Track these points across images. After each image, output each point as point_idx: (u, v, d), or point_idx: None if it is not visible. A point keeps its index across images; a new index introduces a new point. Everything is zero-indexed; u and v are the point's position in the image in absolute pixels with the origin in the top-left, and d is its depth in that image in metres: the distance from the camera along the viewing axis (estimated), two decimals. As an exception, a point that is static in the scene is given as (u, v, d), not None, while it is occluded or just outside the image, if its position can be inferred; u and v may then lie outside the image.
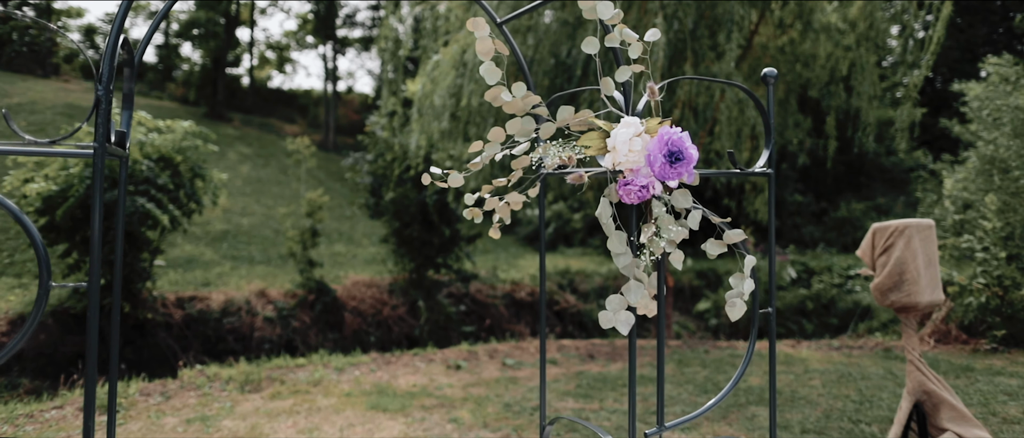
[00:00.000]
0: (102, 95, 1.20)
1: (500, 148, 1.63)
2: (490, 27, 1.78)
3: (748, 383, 5.90)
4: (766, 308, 1.90)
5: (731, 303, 1.65)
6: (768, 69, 1.88)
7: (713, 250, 1.68)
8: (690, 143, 1.57)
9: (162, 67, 31.48)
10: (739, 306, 1.65)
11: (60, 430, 4.82)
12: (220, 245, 12.92)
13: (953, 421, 3.23)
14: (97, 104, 1.21)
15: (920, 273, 3.29)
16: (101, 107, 1.20)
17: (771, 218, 1.93)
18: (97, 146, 1.22)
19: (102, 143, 1.22)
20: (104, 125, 1.20)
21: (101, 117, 1.20)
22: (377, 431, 4.64)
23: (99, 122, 1.21)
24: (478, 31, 1.50)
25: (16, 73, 24.68)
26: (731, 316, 1.66)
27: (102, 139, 1.21)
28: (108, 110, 1.20)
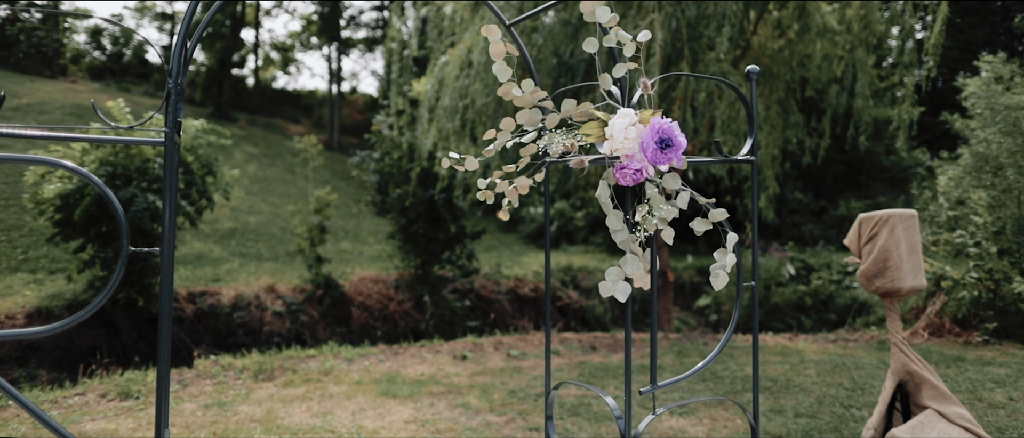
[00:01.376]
0: (172, 88, 1.41)
1: (511, 136, 1.83)
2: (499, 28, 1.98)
3: (745, 372, 6.09)
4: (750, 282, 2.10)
5: (714, 274, 1.86)
6: (751, 67, 2.09)
7: (700, 227, 1.89)
8: (679, 132, 1.77)
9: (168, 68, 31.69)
10: (722, 277, 1.86)
11: (84, 415, 5.04)
12: (228, 242, 13.14)
13: (933, 399, 3.43)
14: (168, 96, 1.41)
15: (903, 260, 3.48)
16: (171, 99, 1.41)
17: (754, 204, 2.13)
18: (168, 131, 1.42)
19: (172, 130, 1.42)
20: (174, 114, 1.41)
21: (171, 108, 1.40)
22: (388, 415, 4.85)
23: (169, 112, 1.42)
24: (491, 36, 1.70)
25: (24, 74, 24.97)
26: (715, 286, 1.86)
27: (172, 127, 1.42)
28: (177, 102, 1.41)
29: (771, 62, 8.48)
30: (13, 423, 4.85)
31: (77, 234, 8.26)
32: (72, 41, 31.39)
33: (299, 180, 18.52)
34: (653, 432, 4.43)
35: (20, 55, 26.48)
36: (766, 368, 6.29)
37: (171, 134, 1.40)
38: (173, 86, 1.40)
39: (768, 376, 5.95)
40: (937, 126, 18.06)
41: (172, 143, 1.40)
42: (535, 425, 4.61)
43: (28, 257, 10.95)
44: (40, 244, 11.54)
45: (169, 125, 1.41)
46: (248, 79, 32.12)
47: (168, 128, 1.41)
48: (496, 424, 4.63)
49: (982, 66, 8.62)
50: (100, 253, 8.38)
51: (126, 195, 7.98)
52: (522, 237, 17.06)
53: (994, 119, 8.05)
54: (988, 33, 24.15)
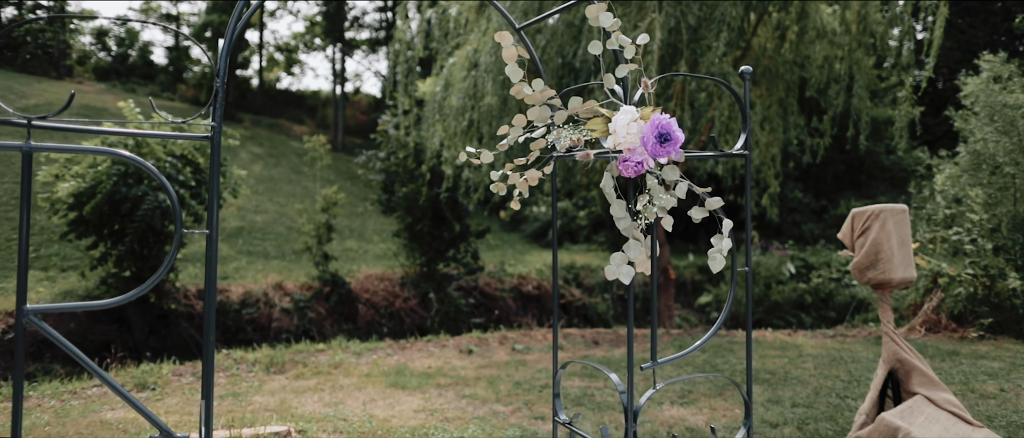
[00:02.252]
0: (220, 87, 1.57)
1: (522, 132, 1.99)
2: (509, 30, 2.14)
3: (744, 365, 6.24)
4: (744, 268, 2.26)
5: (712, 258, 2.01)
6: (744, 67, 2.24)
7: (697, 215, 2.04)
8: (677, 127, 1.93)
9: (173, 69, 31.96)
10: (719, 260, 2.01)
11: (104, 404, 5.21)
12: (235, 241, 13.31)
13: (923, 385, 3.58)
14: (215, 95, 1.57)
15: (894, 252, 3.63)
16: (218, 97, 1.57)
17: (747, 194, 2.29)
18: (216, 126, 1.58)
19: (219, 126, 1.58)
20: (221, 111, 1.57)
21: (219, 105, 1.56)
22: (397, 405, 5.00)
23: (217, 109, 1.57)
24: (503, 40, 1.86)
25: (31, 75, 25.18)
26: (713, 269, 2.01)
27: (219, 122, 1.58)
28: (224, 99, 1.56)
29: (771, 63, 8.63)
30: (36, 412, 5.02)
31: (90, 232, 8.44)
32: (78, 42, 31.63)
33: (304, 180, 18.70)
34: (655, 420, 4.59)
35: (27, 56, 26.72)
36: (765, 362, 6.44)
37: (218, 129, 1.56)
38: (221, 85, 1.56)
39: (767, 369, 6.10)
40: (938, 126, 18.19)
41: (218, 137, 1.55)
42: (540, 414, 4.77)
43: (40, 255, 11.13)
44: (51, 242, 11.72)
45: (217, 121, 1.57)
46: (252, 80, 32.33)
47: (216, 123, 1.57)
48: (503, 413, 4.79)
49: (982, 65, 8.74)
50: (112, 250, 8.56)
51: (137, 193, 8.15)
52: (525, 236, 17.22)
53: (992, 118, 8.18)
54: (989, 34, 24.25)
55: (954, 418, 3.42)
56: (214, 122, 1.57)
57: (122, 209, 8.16)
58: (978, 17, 24.62)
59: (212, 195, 1.58)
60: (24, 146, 1.46)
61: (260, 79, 31.39)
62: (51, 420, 4.78)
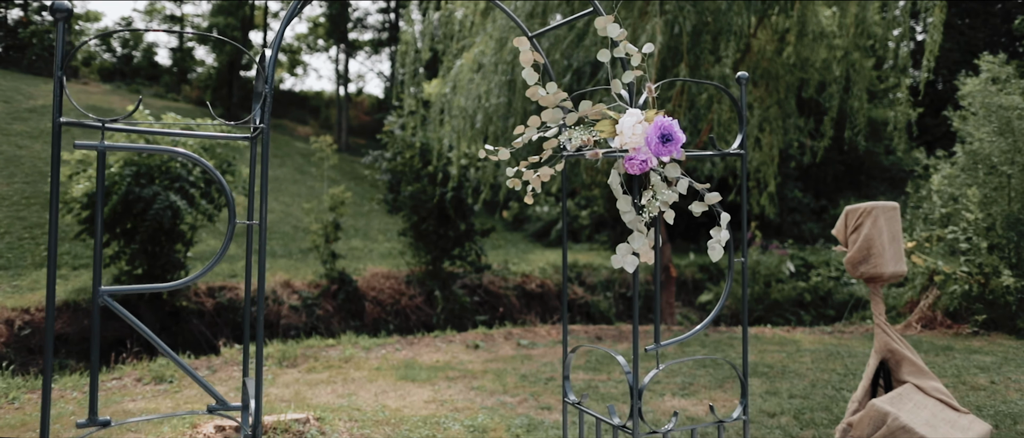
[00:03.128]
0: (268, 92, 1.75)
1: (536, 131, 2.17)
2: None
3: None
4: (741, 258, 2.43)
5: (712, 248, 2.19)
6: (741, 73, 2.42)
7: (697, 209, 2.22)
8: (678, 128, 2.11)
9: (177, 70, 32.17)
10: (717, 250, 2.19)
11: (124, 396, 5.39)
12: (242, 240, 13.49)
13: (912, 374, 3.76)
14: (264, 99, 1.75)
15: (885, 247, 3.81)
16: (267, 101, 1.75)
17: (744, 194, 2.46)
18: (264, 127, 1.76)
19: (267, 127, 1.76)
20: (268, 113, 1.75)
21: (267, 107, 1.74)
22: (408, 396, 5.18)
23: (265, 111, 1.75)
24: (521, 46, 2.04)
25: (37, 75, 25.37)
26: (712, 257, 2.19)
27: (268, 123, 1.76)
28: (270, 102, 1.74)
29: (770, 65, 8.80)
30: (60, 403, 5.20)
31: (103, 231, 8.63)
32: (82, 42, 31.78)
33: (309, 179, 18.88)
34: (656, 410, 4.76)
35: (32, 57, 26.91)
36: (764, 356, 6.61)
37: (267, 129, 1.74)
38: (268, 89, 1.74)
39: (765, 363, 6.27)
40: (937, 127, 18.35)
41: (267, 136, 1.73)
42: (547, 404, 4.95)
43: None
44: (62, 241, 11.91)
45: (265, 121, 1.75)
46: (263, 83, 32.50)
47: (264, 124, 1.75)
48: (510, 403, 4.97)
49: (982, 66, 8.89)
50: (125, 249, 8.75)
51: (149, 193, 8.33)
52: (527, 236, 17.40)
53: (989, 118, 8.35)
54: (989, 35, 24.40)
55: (941, 405, 3.60)
56: (263, 123, 1.75)
57: (134, 209, 8.35)
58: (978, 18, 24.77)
59: (263, 189, 1.76)
60: (99, 145, 1.64)
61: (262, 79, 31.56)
62: (75, 410, 4.96)
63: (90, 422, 1.71)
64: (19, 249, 11.34)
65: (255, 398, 1.79)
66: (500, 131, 8.32)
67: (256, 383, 1.76)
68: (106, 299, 1.70)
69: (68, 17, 1.60)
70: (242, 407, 1.87)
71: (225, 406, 1.83)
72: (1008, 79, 8.64)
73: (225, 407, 1.83)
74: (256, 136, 1.93)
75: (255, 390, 1.78)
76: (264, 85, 1.74)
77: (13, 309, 8.52)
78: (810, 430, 4.29)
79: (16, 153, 15.63)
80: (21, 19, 28.24)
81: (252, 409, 1.77)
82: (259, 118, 1.80)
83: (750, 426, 4.47)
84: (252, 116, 1.88)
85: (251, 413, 1.73)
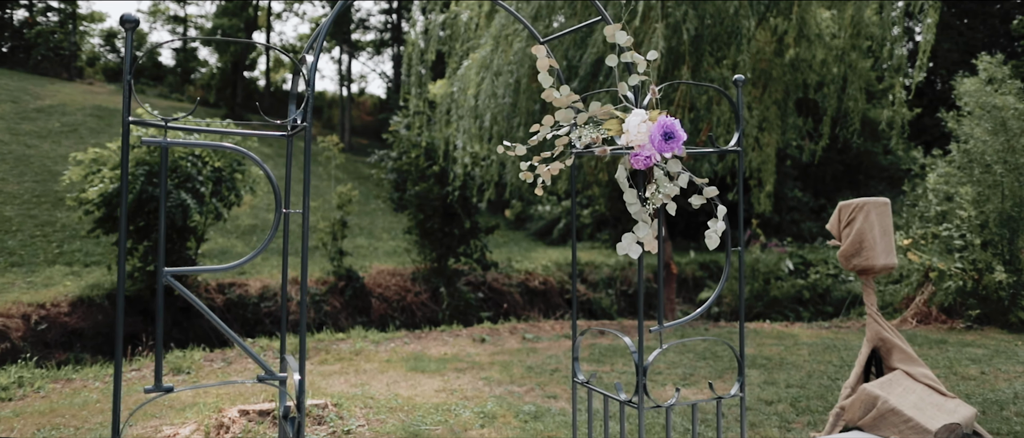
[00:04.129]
0: (309, 92, 1.94)
1: (551, 130, 2.37)
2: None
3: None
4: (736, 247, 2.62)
5: (709, 236, 2.38)
6: (737, 76, 2.62)
7: (696, 202, 2.41)
8: (680, 127, 2.30)
9: (180, 71, 32.40)
10: (714, 239, 2.38)
11: (146, 384, 5.59)
12: (249, 238, 13.70)
13: (902, 361, 3.95)
14: (307, 101, 1.95)
15: (876, 241, 4.00)
16: (309, 103, 1.94)
17: (740, 189, 2.66)
18: (307, 126, 1.96)
19: (310, 125, 1.95)
20: (311, 113, 1.94)
21: (309, 110, 1.94)
22: (419, 385, 5.38)
23: (308, 110, 1.95)
24: (539, 53, 2.24)
25: (44, 76, 25.60)
26: (709, 246, 2.39)
27: (310, 122, 1.95)
28: (312, 101, 1.94)
29: (768, 66, 8.99)
30: (84, 392, 5.40)
31: (116, 228, 8.82)
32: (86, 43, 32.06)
33: (313, 178, 19.07)
34: (659, 399, 4.96)
35: (38, 58, 27.14)
36: (762, 349, 6.81)
37: (309, 128, 1.93)
38: (310, 92, 1.93)
39: (764, 355, 6.47)
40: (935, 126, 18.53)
41: (309, 134, 1.93)
42: (553, 394, 5.14)
43: (63, 251, 11.52)
44: (73, 239, 12.12)
45: (308, 121, 1.95)
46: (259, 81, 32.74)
47: (307, 123, 1.95)
48: (518, 392, 5.16)
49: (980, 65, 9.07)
50: (137, 246, 8.94)
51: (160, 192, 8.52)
52: (530, 235, 17.60)
53: (984, 118, 8.53)
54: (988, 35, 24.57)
55: (929, 389, 3.79)
56: (306, 123, 1.95)
57: (147, 207, 8.54)
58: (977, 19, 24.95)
59: (305, 181, 1.95)
60: (162, 141, 1.83)
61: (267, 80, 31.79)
62: (100, 398, 5.16)
63: (156, 388, 1.90)
64: (31, 246, 11.55)
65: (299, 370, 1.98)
66: (505, 130, 8.52)
67: (300, 357, 1.96)
68: (169, 278, 1.90)
69: (135, 27, 1.79)
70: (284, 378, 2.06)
71: (272, 375, 2.02)
72: (1004, 80, 8.82)
73: (272, 376, 2.02)
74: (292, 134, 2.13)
75: (300, 363, 1.97)
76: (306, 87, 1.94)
77: (29, 304, 8.72)
78: (805, 417, 4.49)
79: (25, 152, 15.84)
80: (27, 20, 28.47)
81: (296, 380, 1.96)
82: (300, 118, 2.00)
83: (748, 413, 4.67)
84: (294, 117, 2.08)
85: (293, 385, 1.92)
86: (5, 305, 8.59)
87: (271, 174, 1.95)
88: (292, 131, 2.19)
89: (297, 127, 2.12)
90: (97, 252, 11.46)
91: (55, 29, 28.47)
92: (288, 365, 2.16)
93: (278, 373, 2.06)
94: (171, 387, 1.87)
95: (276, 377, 2.02)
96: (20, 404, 5.05)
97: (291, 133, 2.20)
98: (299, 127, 2.05)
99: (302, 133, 2.04)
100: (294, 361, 2.17)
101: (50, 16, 29.55)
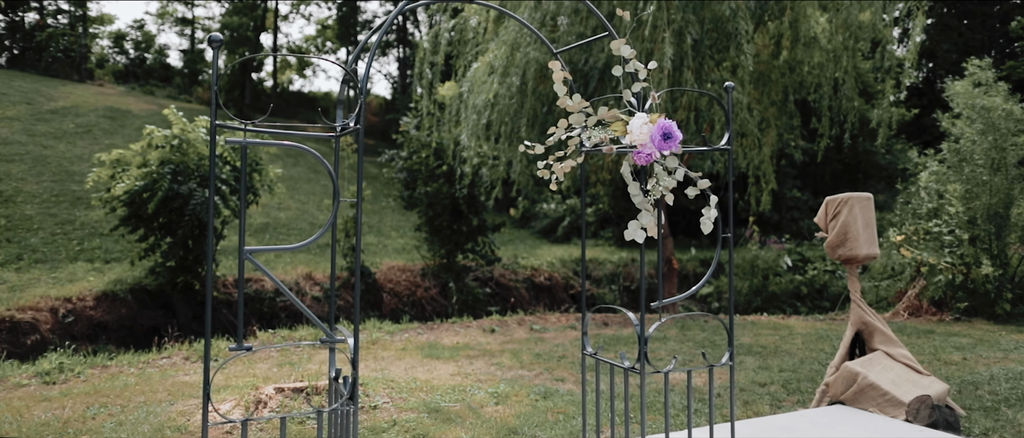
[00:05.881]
0: (362, 100, 2.30)
1: (565, 132, 2.73)
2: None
3: (739, 341, 6.96)
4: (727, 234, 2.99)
5: (703, 223, 2.74)
6: (727, 83, 2.97)
7: (692, 193, 2.77)
8: (677, 128, 2.66)
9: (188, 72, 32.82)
10: (707, 225, 2.74)
11: (177, 371, 5.96)
12: (263, 236, 14.08)
13: (883, 343, 4.30)
14: (360, 106, 2.30)
15: (859, 233, 4.36)
16: (361, 107, 2.30)
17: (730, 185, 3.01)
18: (360, 127, 2.31)
19: (362, 127, 2.31)
20: (364, 115, 2.30)
21: (362, 112, 2.29)
22: (435, 370, 5.74)
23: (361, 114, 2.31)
24: (554, 67, 2.60)
25: (55, 77, 26.02)
26: (703, 231, 2.74)
27: (363, 123, 2.31)
28: (364, 103, 2.29)
29: (767, 68, 9.33)
30: (121, 377, 5.77)
31: (140, 225, 9.19)
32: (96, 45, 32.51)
33: (322, 178, 19.45)
34: (658, 380, 5.31)
35: (49, 59, 27.57)
36: (759, 339, 7.16)
37: (362, 130, 2.29)
38: (362, 96, 2.29)
39: (759, 344, 6.82)
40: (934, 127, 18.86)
41: (362, 136, 2.29)
42: (561, 377, 5.50)
43: (84, 248, 11.91)
44: (93, 236, 12.50)
45: (361, 123, 2.30)
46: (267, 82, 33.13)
47: (359, 126, 2.31)
48: (528, 377, 5.52)
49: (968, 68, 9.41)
50: (161, 242, 9.32)
51: (186, 190, 8.89)
52: (535, 232, 17.97)
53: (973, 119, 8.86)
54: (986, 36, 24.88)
55: (906, 368, 4.14)
56: (359, 125, 2.31)
57: (172, 205, 8.91)
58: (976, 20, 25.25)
59: (359, 176, 2.31)
60: (243, 141, 2.19)
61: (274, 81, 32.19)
62: (137, 381, 5.53)
63: (238, 347, 2.26)
64: (53, 244, 11.93)
65: (354, 336, 2.34)
66: (511, 131, 8.88)
67: (354, 323, 2.31)
68: (248, 256, 2.25)
69: (220, 46, 2.15)
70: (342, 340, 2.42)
71: (332, 338, 2.38)
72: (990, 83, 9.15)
73: (333, 339, 2.38)
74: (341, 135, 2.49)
75: (354, 331, 2.33)
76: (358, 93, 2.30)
77: (56, 298, 9.09)
78: (795, 396, 4.84)
79: (42, 153, 16.24)
80: (38, 22, 28.91)
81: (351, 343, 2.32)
82: (352, 122, 2.36)
83: (743, 393, 5.02)
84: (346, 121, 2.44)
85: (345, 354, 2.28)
86: (34, 299, 8.97)
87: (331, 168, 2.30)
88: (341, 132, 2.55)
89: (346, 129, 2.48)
90: (116, 249, 11.83)
91: (65, 31, 28.91)
92: (343, 331, 2.52)
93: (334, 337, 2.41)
94: (250, 346, 2.23)
95: (335, 340, 2.37)
96: (65, 387, 5.42)
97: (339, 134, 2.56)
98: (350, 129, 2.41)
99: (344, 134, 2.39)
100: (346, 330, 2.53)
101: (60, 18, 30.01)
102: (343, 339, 2.42)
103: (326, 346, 2.38)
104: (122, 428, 4.11)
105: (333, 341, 2.39)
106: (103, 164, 9.36)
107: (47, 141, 17.22)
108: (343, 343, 2.42)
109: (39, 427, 4.18)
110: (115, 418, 4.35)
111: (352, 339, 2.37)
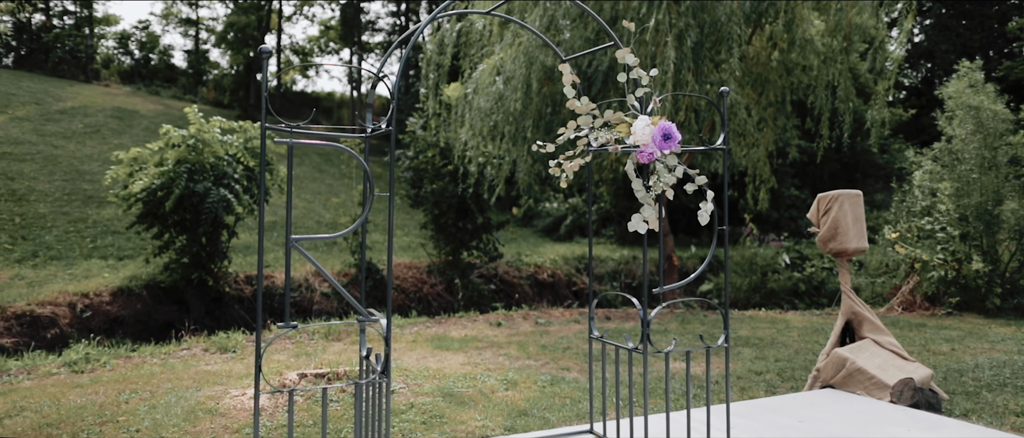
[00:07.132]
0: (393, 103, 2.56)
1: (573, 133, 2.99)
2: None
3: (737, 333, 7.22)
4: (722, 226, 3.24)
5: (700, 215, 3.00)
6: (723, 88, 3.23)
7: (689, 188, 3.03)
8: (676, 130, 2.92)
9: (192, 72, 33.11)
10: (704, 216, 3.00)
11: (199, 361, 6.22)
12: (271, 234, 14.34)
13: (871, 332, 4.56)
14: (392, 111, 2.56)
15: (849, 227, 4.61)
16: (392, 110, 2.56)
17: (725, 184, 3.27)
18: (392, 129, 2.57)
19: (395, 129, 2.57)
20: (396, 118, 2.56)
21: (394, 115, 2.55)
22: (445, 360, 6.00)
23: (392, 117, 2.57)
24: (564, 70, 2.86)
25: (62, 78, 26.30)
26: (701, 222, 3.00)
27: (395, 126, 2.57)
28: (395, 111, 2.55)
29: (764, 70, 9.59)
30: (145, 366, 6.03)
31: (155, 223, 9.46)
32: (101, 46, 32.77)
33: (327, 178, 19.73)
34: (659, 369, 5.57)
35: (56, 60, 27.85)
36: (756, 332, 7.42)
37: (394, 132, 2.55)
38: (395, 99, 2.55)
39: (757, 336, 7.08)
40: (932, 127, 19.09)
41: (395, 137, 2.55)
42: (566, 367, 5.76)
43: (97, 245, 12.18)
44: (106, 234, 12.77)
45: (392, 125, 2.56)
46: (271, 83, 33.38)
47: (392, 127, 2.57)
48: (534, 366, 5.78)
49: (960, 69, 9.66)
50: (177, 239, 9.58)
51: (202, 189, 9.15)
52: (537, 231, 18.23)
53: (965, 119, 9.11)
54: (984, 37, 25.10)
55: (893, 354, 4.40)
56: (391, 127, 2.57)
57: (188, 203, 9.18)
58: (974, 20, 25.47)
59: (390, 175, 2.57)
60: (289, 141, 2.44)
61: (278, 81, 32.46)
62: (162, 370, 5.79)
63: (285, 325, 2.52)
64: (67, 241, 12.20)
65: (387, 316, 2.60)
66: (516, 131, 9.14)
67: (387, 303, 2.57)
68: (294, 244, 2.51)
69: (270, 57, 2.41)
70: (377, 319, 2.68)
71: (369, 317, 2.64)
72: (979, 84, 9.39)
73: (370, 318, 2.64)
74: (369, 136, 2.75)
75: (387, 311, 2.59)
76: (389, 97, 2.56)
77: (74, 294, 9.36)
78: (789, 383, 5.10)
79: (53, 152, 16.51)
80: (44, 23, 29.18)
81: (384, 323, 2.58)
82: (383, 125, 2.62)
83: (740, 381, 5.28)
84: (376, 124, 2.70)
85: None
86: (52, 294, 9.24)
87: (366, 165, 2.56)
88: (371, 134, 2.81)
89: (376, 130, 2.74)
90: (129, 247, 12.10)
91: (71, 32, 29.19)
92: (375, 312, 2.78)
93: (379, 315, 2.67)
94: (296, 324, 2.48)
95: (372, 319, 2.63)
96: (93, 375, 5.68)
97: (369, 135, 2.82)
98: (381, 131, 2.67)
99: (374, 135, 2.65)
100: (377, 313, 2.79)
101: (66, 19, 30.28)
102: (377, 319, 2.68)
103: (359, 327, 2.64)
104: (156, 411, 4.38)
105: (368, 320, 2.65)
106: (121, 162, 9.62)
107: (57, 141, 17.49)
108: (377, 322, 2.68)
109: (77, 409, 4.44)
110: (147, 403, 4.61)
111: (385, 320, 2.63)
